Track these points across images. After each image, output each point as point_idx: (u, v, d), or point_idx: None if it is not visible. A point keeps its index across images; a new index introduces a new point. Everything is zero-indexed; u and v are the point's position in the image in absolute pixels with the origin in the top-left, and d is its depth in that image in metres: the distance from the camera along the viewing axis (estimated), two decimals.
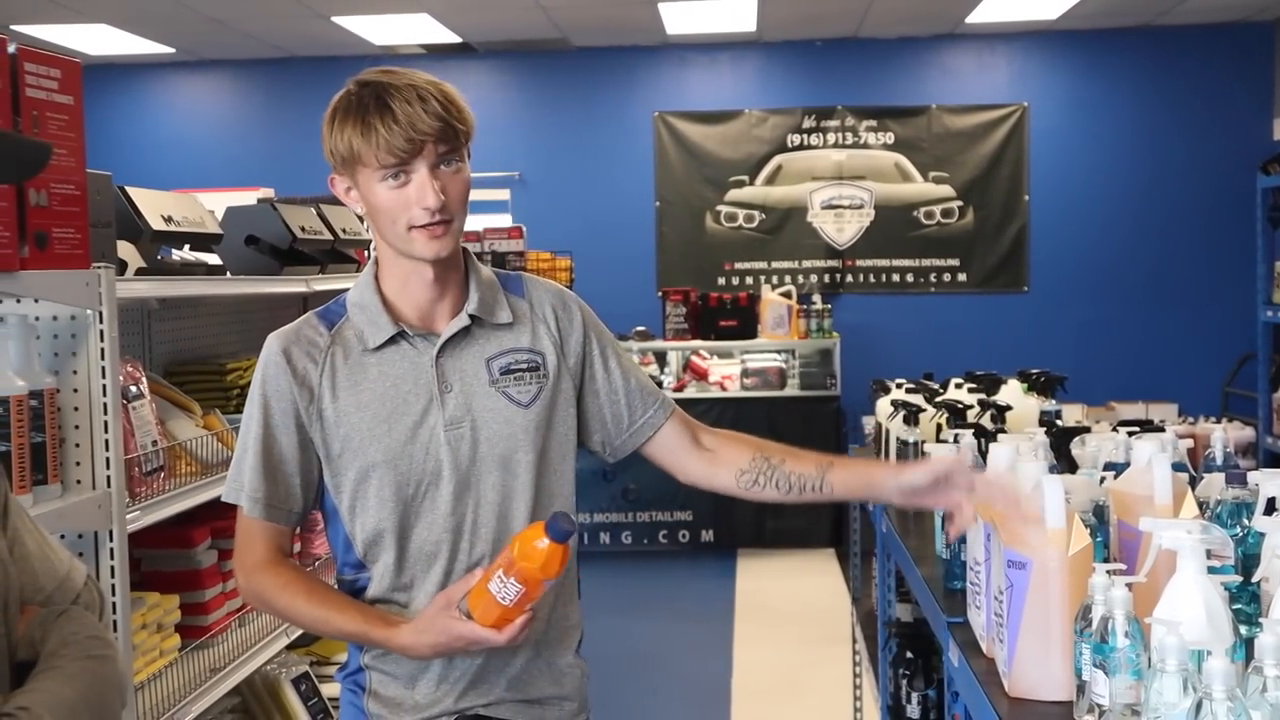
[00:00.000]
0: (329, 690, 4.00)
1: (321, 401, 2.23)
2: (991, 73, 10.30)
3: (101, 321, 2.49)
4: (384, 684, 2.27)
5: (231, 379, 3.77)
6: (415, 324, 2.26)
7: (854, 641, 5.56)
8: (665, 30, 9.63)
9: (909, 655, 3.96)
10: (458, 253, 2.29)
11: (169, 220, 3.16)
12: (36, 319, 2.49)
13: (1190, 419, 6.57)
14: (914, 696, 3.88)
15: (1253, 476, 2.62)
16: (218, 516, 3.37)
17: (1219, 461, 3.12)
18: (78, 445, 2.53)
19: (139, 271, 3.10)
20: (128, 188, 3.04)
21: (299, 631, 3.64)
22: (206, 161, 10.25)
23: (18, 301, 2.44)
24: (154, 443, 2.86)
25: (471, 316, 2.27)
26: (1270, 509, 2.35)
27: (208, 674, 3.09)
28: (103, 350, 2.50)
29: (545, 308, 2.36)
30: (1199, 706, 1.72)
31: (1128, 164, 10.12)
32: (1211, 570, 2.02)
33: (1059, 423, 3.79)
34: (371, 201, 2.18)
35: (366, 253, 4.48)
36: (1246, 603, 2.12)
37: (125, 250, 3.07)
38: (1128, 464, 3.13)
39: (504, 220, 8.78)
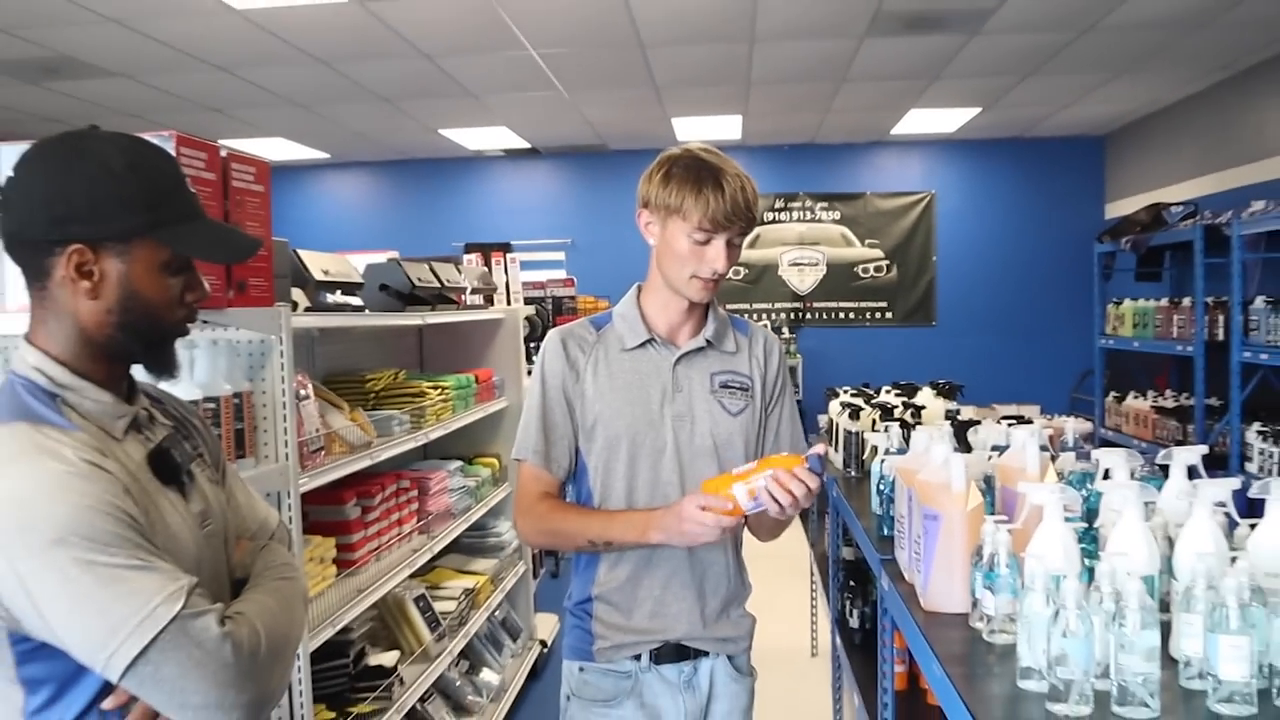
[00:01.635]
0: (441, 606, 4.02)
1: (584, 383, 2.21)
2: (909, 169, 10.29)
3: (281, 344, 2.52)
4: (607, 612, 2.23)
5: (369, 386, 3.78)
6: (663, 335, 2.24)
7: (811, 575, 5.56)
8: (676, 138, 9.61)
9: (851, 584, 3.96)
10: None
11: (327, 273, 3.19)
12: (237, 342, 2.51)
13: (1049, 415, 6.60)
14: (854, 613, 3.89)
15: (1095, 454, 2.64)
16: (359, 483, 3.40)
17: (1070, 444, 3.14)
18: (266, 431, 2.55)
19: (306, 310, 3.13)
20: (299, 250, 3.07)
21: (420, 563, 3.67)
22: (351, 231, 10.31)
23: (225, 330, 2.47)
24: (317, 430, 2.89)
25: (707, 340, 2.24)
26: (1105, 476, 2.37)
27: (355, 593, 3.11)
28: (282, 365, 2.52)
29: (759, 348, 2.31)
30: (1057, 614, 1.75)
31: (1006, 234, 10.14)
32: (1067, 519, 2.04)
33: (959, 418, 3.81)
34: (671, 245, 2.13)
35: (465, 298, 4.47)
36: (1089, 543, 2.14)
37: (296, 294, 3.10)
38: (1008, 446, 3.15)
39: (561, 274, 8.80)
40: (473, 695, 4.33)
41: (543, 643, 5.30)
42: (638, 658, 2.23)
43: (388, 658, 3.43)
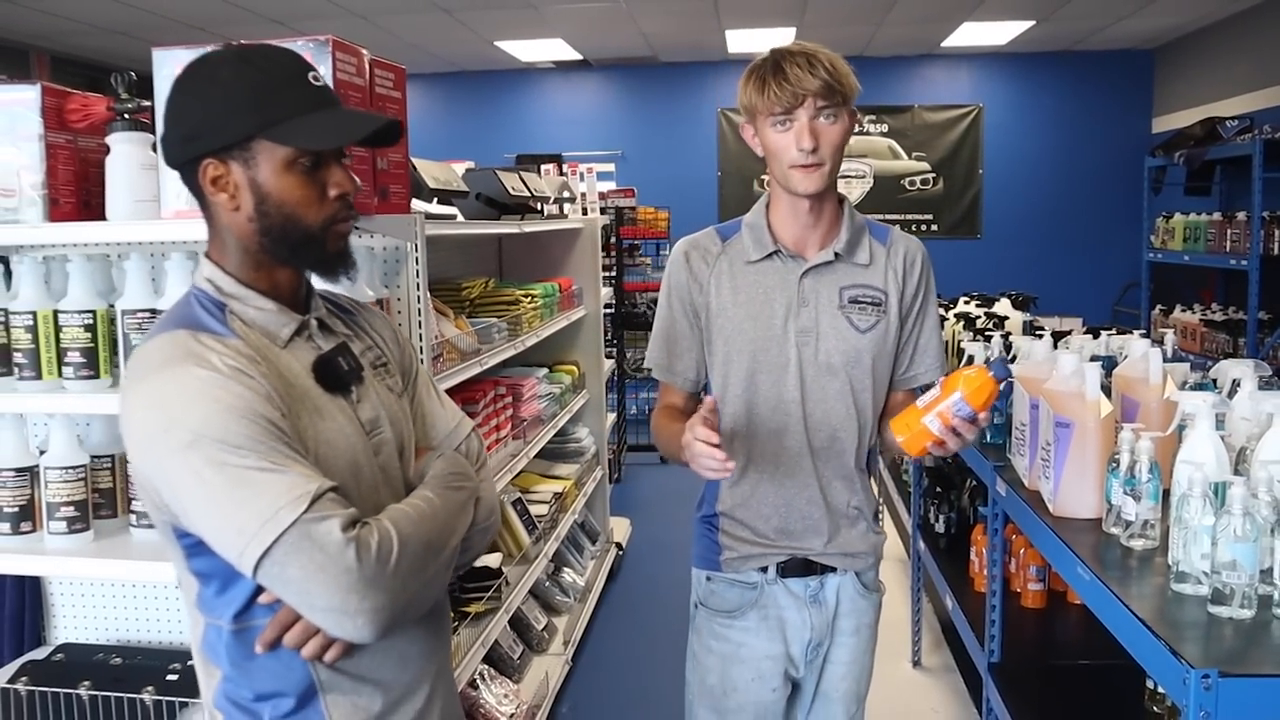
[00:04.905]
0: (536, 510, 4.05)
1: (708, 295, 2.12)
2: (957, 82, 10.09)
3: (416, 251, 2.46)
4: (733, 526, 2.17)
5: (464, 294, 3.75)
6: (790, 247, 2.10)
7: (883, 482, 5.57)
8: (728, 49, 9.46)
9: (937, 489, 3.96)
10: (832, 196, 2.11)
11: (437, 180, 3.16)
12: (373, 250, 2.47)
13: (1091, 328, 6.57)
14: (940, 517, 3.89)
15: (1220, 365, 2.61)
16: (462, 390, 3.40)
17: (1169, 356, 3.10)
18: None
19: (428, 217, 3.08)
20: (414, 159, 3.00)
21: (517, 470, 3.68)
22: (419, 142, 10.22)
23: (372, 237, 2.43)
24: (437, 338, 2.85)
25: (836, 253, 2.10)
26: (1233, 390, 2.34)
27: None
28: (417, 270, 2.47)
29: (898, 258, 2.15)
30: (1218, 520, 1.73)
31: (1053, 148, 9.95)
32: None
33: (1048, 330, 3.77)
34: (765, 143, 2.02)
35: (541, 207, 4.42)
36: None
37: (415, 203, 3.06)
38: (1107, 357, 3.13)
39: (611, 185, 8.70)
40: (560, 596, 4.38)
41: (619, 545, 5.35)
42: (764, 570, 2.17)
43: (492, 559, 3.45)
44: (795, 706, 2.29)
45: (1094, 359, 3.17)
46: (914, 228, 10.14)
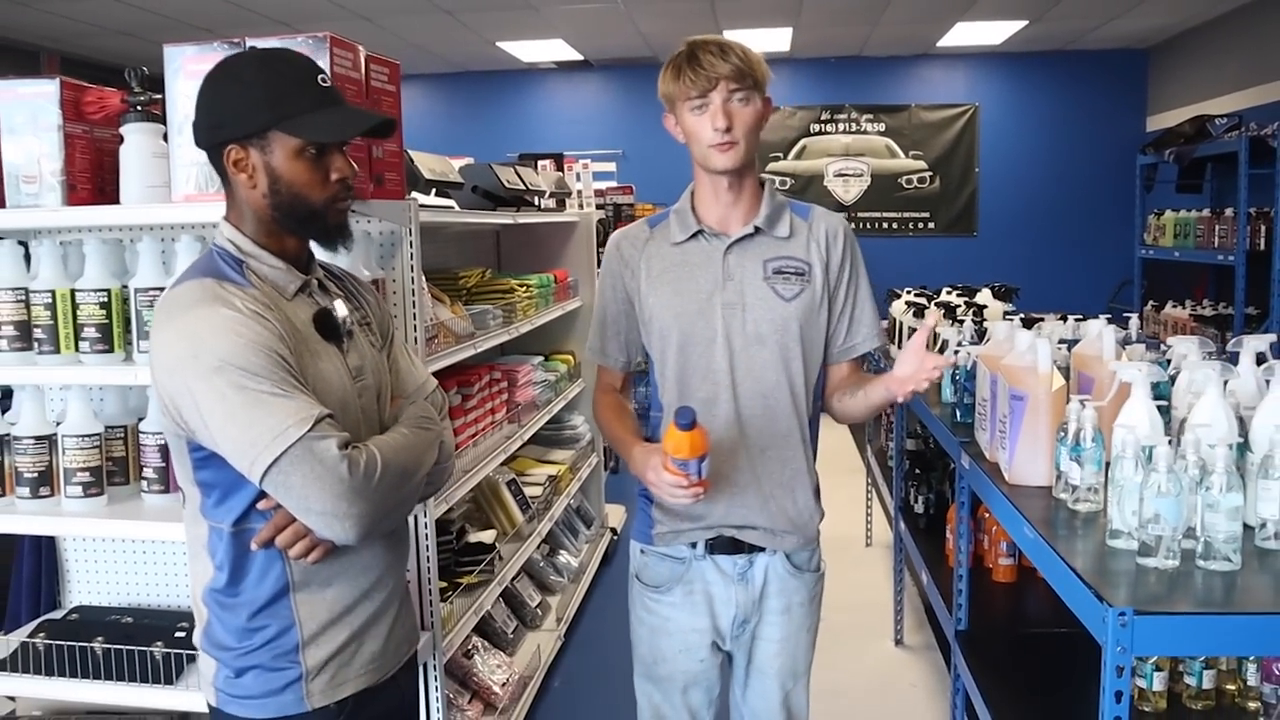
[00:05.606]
0: (531, 491, 4.20)
1: (639, 278, 2.23)
2: (953, 82, 10.21)
3: (410, 235, 2.61)
4: None
5: (461, 283, 3.88)
6: (714, 226, 2.20)
7: (867, 469, 5.71)
8: None
9: (916, 471, 4.10)
10: (752, 176, 2.22)
11: (433, 172, 3.31)
12: (369, 234, 2.62)
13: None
14: (919, 499, 4.03)
15: (1170, 341, 2.75)
16: (458, 374, 3.55)
17: (1134, 339, 3.24)
18: (396, 317, 2.61)
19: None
20: (410, 151, 3.14)
21: (511, 452, 3.83)
22: (407, 142, 10.33)
23: (368, 221, 2.58)
24: (431, 320, 2.98)
25: (756, 227, 2.18)
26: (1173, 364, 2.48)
27: (460, 475, 3.22)
28: (411, 254, 2.62)
29: (821, 231, 2.23)
30: (1147, 478, 1.88)
31: (1046, 146, 10.07)
32: None
33: (1020, 316, 3.92)
34: (685, 128, 2.13)
35: (537, 201, 4.56)
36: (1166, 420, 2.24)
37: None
38: (1075, 340, 3.27)
39: (613, 183, 8.83)
40: (554, 576, 4.54)
41: (613, 530, 5.50)
42: (693, 545, 2.25)
43: (486, 536, 3.61)
44: (732, 680, 2.39)
45: (1061, 341, 3.33)
46: (911, 225, 10.28)
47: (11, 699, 2.78)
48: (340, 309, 1.82)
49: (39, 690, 2.53)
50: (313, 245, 1.82)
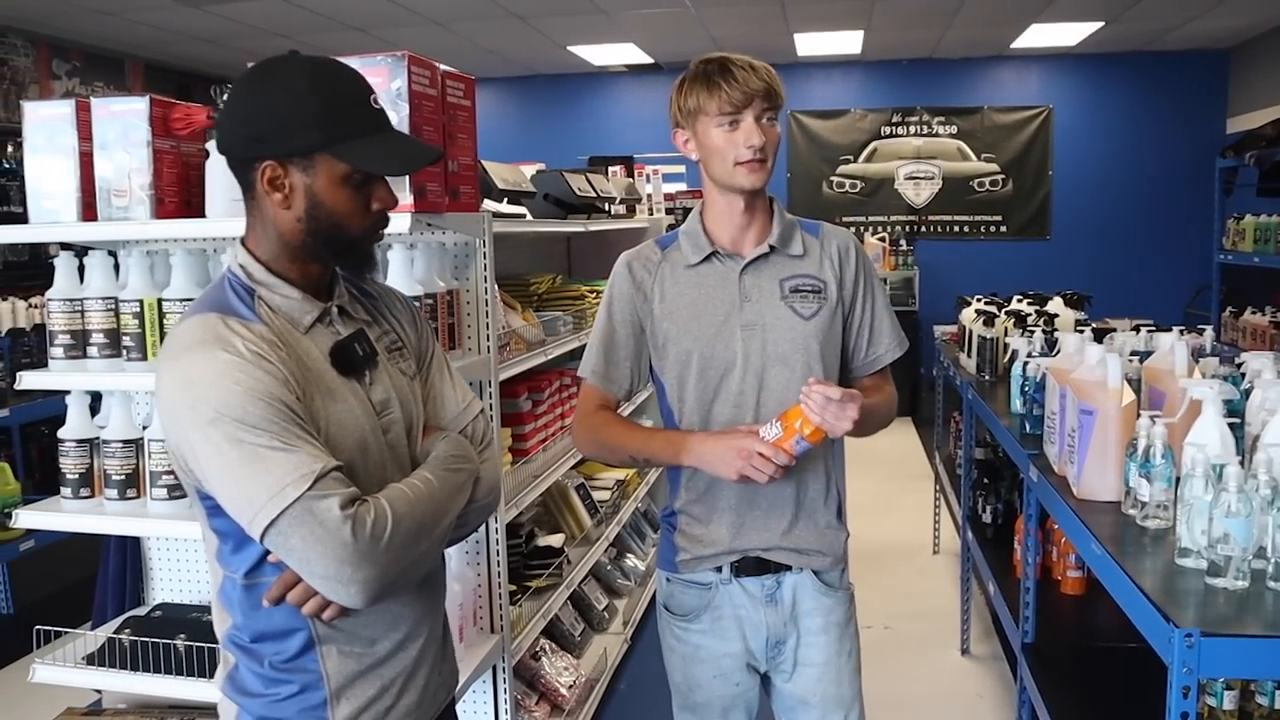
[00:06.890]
0: (599, 495, 4.25)
1: (652, 302, 2.18)
2: (1027, 84, 10.14)
3: (484, 246, 2.66)
4: (689, 524, 2.21)
5: (533, 289, 3.95)
6: (726, 247, 2.17)
7: (935, 476, 5.68)
8: (797, 52, 9.61)
9: (985, 481, 4.08)
10: (764, 196, 2.19)
11: (506, 182, 3.36)
12: (444, 245, 2.67)
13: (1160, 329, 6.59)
14: (987, 509, 4.01)
15: (1243, 357, 2.72)
16: (529, 380, 3.60)
17: (1208, 351, 3.20)
18: (470, 326, 2.70)
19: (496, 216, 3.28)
20: (483, 161, 3.18)
21: (580, 457, 3.87)
22: (493, 145, 10.47)
23: (443, 233, 2.63)
24: (504, 328, 3.03)
25: (771, 246, 2.16)
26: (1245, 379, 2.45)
27: (530, 479, 3.29)
28: (485, 265, 2.67)
29: (833, 247, 2.21)
30: (1218, 497, 1.87)
31: (1123, 149, 9.97)
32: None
33: (1092, 326, 3.88)
34: (707, 145, 2.08)
35: (608, 207, 4.60)
36: (1239, 436, 2.22)
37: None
38: (1148, 352, 3.23)
39: (683, 186, 8.84)
40: (621, 579, 4.58)
41: None
42: (719, 570, 2.21)
43: (555, 539, 3.66)
44: (777, 710, 2.35)
45: (1134, 354, 3.30)
46: (983, 229, 10.21)
47: (98, 692, 2.89)
48: (364, 335, 1.69)
49: (124, 684, 2.62)
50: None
